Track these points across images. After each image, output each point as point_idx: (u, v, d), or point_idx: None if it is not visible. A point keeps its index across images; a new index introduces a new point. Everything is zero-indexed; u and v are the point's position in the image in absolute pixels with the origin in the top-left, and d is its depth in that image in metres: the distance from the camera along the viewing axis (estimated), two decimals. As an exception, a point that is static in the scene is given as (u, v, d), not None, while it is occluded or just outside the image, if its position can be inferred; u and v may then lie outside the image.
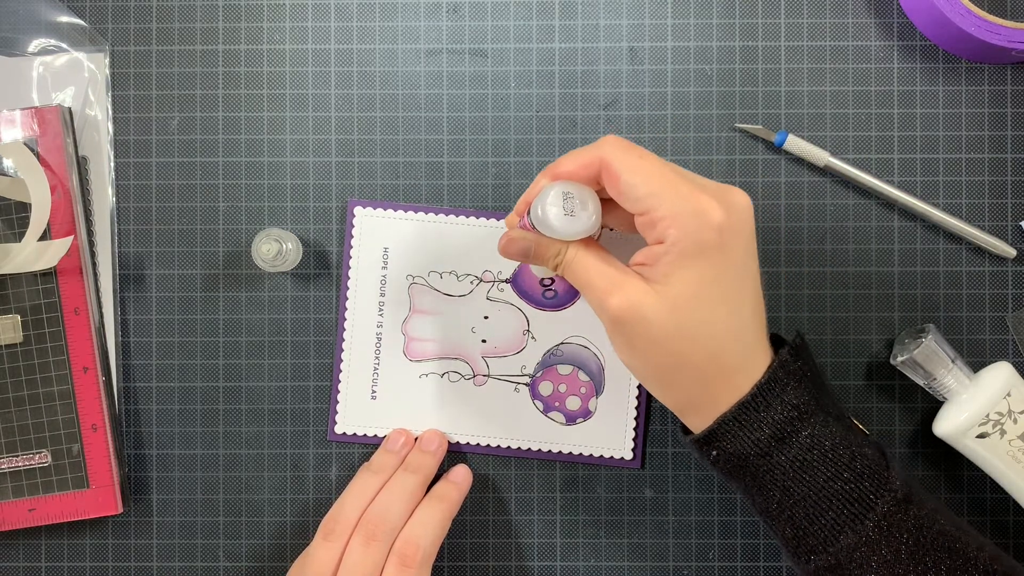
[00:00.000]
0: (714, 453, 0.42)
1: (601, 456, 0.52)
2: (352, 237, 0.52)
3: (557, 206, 0.42)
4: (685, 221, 0.40)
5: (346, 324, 0.52)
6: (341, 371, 0.52)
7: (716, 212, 0.40)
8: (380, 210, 0.52)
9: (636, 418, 0.52)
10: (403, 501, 0.48)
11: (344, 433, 0.52)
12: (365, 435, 0.52)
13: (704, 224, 0.40)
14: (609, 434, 0.52)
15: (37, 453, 0.51)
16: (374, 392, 0.52)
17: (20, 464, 0.51)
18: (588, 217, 0.42)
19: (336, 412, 0.52)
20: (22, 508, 0.51)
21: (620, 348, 0.43)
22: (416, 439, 0.52)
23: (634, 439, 0.52)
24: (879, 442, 0.44)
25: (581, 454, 0.52)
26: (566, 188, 0.42)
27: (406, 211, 0.52)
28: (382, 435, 0.52)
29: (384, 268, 0.52)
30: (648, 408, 0.52)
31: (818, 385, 0.43)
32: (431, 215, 0.52)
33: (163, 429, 0.53)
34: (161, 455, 0.53)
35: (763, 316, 0.43)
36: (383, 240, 0.52)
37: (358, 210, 0.52)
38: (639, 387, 0.52)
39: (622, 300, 0.41)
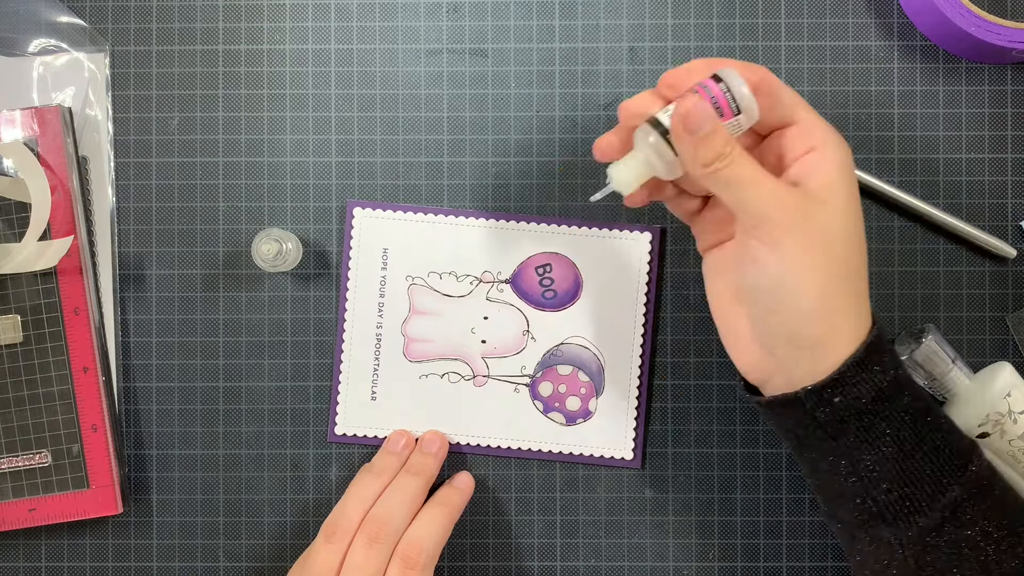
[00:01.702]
0: (836, 400, 0.41)
1: (601, 456, 0.52)
2: (351, 238, 0.52)
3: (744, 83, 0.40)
4: (838, 139, 0.41)
5: (346, 325, 0.52)
6: (341, 372, 0.52)
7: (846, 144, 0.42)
8: (379, 211, 0.52)
9: (636, 418, 0.52)
10: (406, 504, 0.48)
11: (344, 434, 0.52)
12: (365, 436, 0.52)
13: (846, 147, 0.41)
14: (609, 434, 0.52)
15: (37, 453, 0.51)
16: (374, 393, 0.52)
17: (20, 464, 0.51)
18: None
19: (336, 413, 0.52)
20: (22, 508, 0.51)
21: (775, 255, 0.40)
22: (417, 441, 0.52)
23: (634, 439, 0.52)
24: None
25: (581, 454, 0.52)
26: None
27: (405, 212, 0.52)
28: (382, 436, 0.52)
29: (384, 269, 0.52)
30: (648, 408, 0.52)
31: None
32: (430, 215, 0.52)
33: (163, 429, 0.53)
34: (161, 455, 0.53)
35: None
36: (382, 241, 0.52)
37: (357, 211, 0.52)
38: (640, 387, 0.52)
39: (793, 203, 0.40)
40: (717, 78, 0.40)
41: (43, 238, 0.51)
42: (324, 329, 0.53)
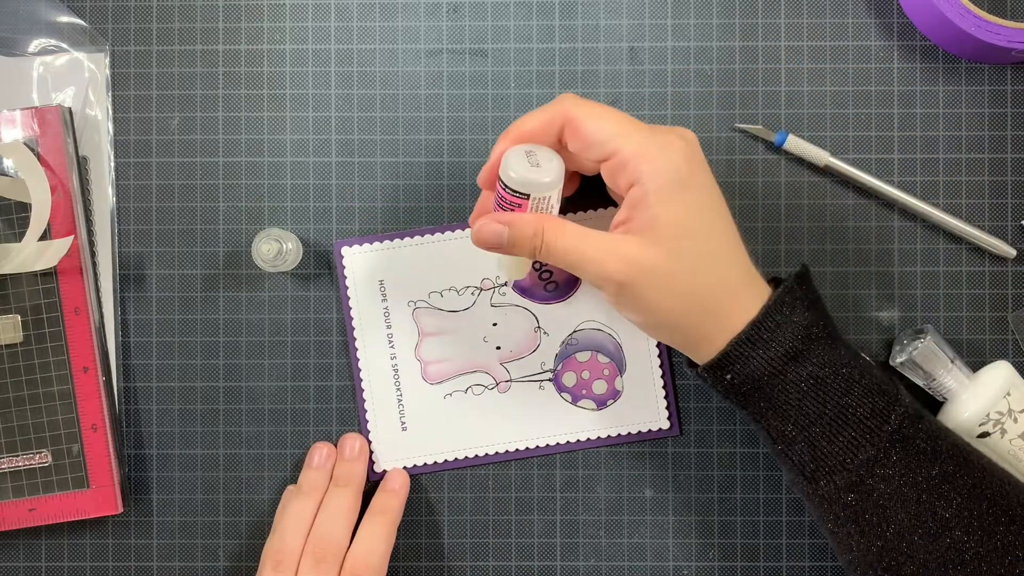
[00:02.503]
0: (728, 377, 0.42)
1: (639, 432, 0.52)
2: (345, 278, 0.52)
3: (522, 163, 0.42)
4: (655, 156, 0.41)
5: (360, 364, 0.52)
6: (367, 411, 0.52)
7: (678, 143, 0.42)
8: (367, 245, 0.52)
9: (664, 386, 0.52)
10: (343, 518, 0.49)
11: (385, 471, 0.52)
12: (406, 468, 0.52)
13: (673, 156, 0.41)
14: (643, 408, 0.52)
15: (37, 453, 0.51)
16: (403, 424, 0.52)
17: (20, 464, 0.51)
18: (558, 166, 0.42)
19: (372, 452, 0.52)
20: (22, 508, 0.51)
21: (629, 309, 0.43)
22: (356, 449, 0.52)
23: (667, 407, 0.52)
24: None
25: (619, 435, 0.52)
26: (527, 147, 0.43)
27: (392, 239, 0.52)
28: (421, 463, 0.52)
29: (384, 300, 0.52)
30: (673, 372, 0.52)
31: (824, 312, 0.44)
32: (417, 238, 0.52)
33: (163, 429, 0.53)
34: (161, 455, 0.53)
35: (742, 245, 0.44)
36: (376, 274, 0.52)
37: (345, 250, 0.52)
38: (660, 356, 0.52)
39: (621, 262, 0.41)
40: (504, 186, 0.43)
41: (43, 238, 0.51)
42: (324, 329, 0.53)
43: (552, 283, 0.52)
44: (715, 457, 0.52)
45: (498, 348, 0.52)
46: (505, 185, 0.42)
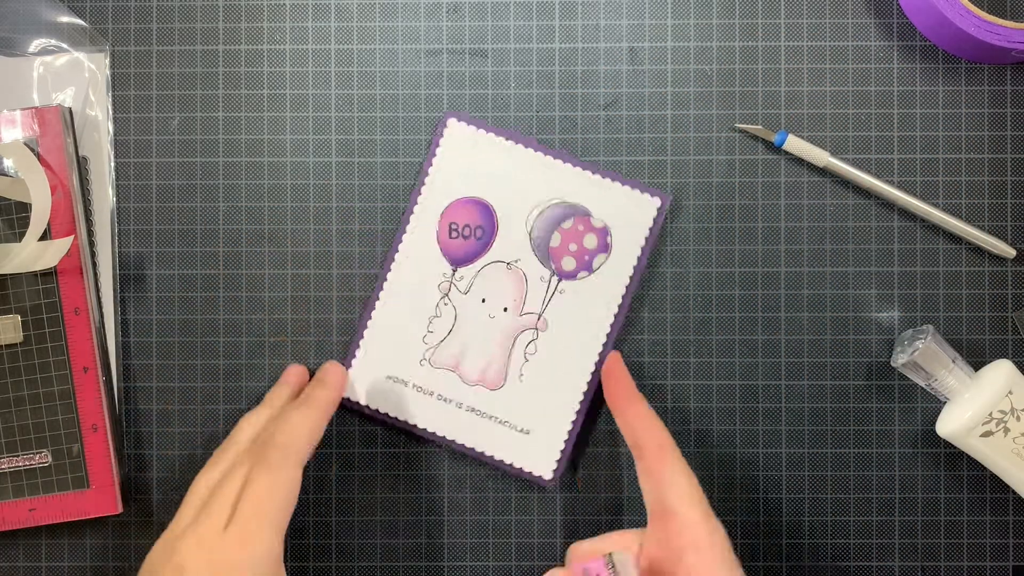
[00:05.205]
0: None
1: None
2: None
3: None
4: (700, 545, 0.44)
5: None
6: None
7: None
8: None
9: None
10: (290, 428, 0.45)
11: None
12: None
13: (715, 551, 0.44)
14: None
15: (37, 453, 0.51)
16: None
17: (20, 464, 0.51)
18: None
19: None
20: (22, 508, 0.51)
21: None
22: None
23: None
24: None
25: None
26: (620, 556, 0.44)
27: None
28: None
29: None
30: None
31: None
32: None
33: (163, 429, 0.53)
34: (161, 455, 0.53)
35: None
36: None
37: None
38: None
39: None
40: (611, 561, 0.44)
41: (43, 238, 0.51)
42: (324, 329, 0.53)
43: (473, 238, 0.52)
44: (715, 457, 0.52)
45: (505, 310, 0.52)
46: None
